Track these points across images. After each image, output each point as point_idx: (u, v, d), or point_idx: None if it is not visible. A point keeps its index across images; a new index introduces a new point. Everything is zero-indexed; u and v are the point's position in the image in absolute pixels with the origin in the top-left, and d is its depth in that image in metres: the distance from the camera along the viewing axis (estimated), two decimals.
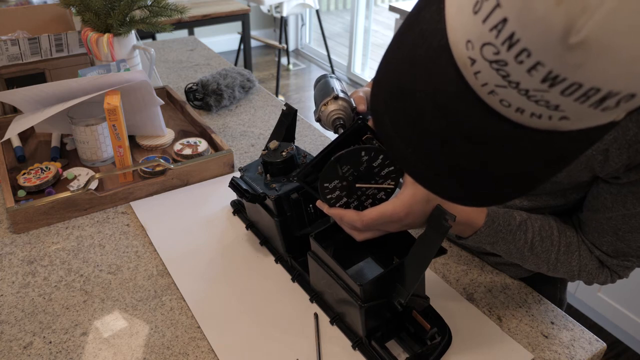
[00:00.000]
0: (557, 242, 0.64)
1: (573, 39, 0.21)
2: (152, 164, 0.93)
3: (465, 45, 0.26)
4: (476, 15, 0.24)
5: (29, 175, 0.93)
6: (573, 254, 0.64)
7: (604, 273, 0.64)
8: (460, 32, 0.26)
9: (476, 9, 0.24)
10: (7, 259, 0.79)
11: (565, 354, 0.66)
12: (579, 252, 0.64)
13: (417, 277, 0.58)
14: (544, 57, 0.23)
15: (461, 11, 0.25)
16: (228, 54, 3.93)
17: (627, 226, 0.59)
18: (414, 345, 0.64)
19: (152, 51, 1.13)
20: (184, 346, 0.66)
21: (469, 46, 0.26)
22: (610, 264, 0.63)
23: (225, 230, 0.87)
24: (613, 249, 0.62)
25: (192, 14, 2.44)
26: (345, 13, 5.15)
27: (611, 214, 0.59)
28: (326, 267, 0.65)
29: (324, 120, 0.71)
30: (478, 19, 0.24)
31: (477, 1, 0.24)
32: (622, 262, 0.62)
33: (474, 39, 0.25)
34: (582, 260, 0.64)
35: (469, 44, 0.26)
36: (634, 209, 0.58)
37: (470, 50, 0.26)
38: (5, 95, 0.92)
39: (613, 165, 0.56)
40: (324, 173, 0.58)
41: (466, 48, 0.26)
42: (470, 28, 0.25)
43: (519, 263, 0.67)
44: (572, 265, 0.64)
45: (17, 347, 0.65)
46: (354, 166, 0.58)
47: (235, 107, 1.28)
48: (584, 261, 0.64)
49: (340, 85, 0.75)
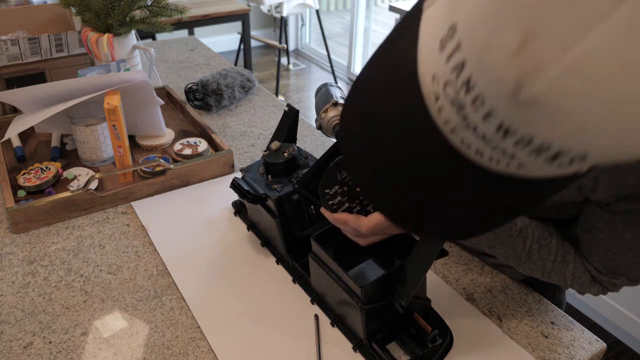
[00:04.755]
0: (554, 251, 0.64)
1: (523, 95, 0.21)
2: (152, 164, 0.93)
3: (431, 79, 0.26)
4: (441, 53, 0.24)
5: (29, 175, 0.93)
6: (568, 265, 0.64)
7: (595, 286, 0.65)
8: (428, 66, 0.26)
9: (442, 46, 0.24)
10: (7, 259, 0.79)
11: (565, 354, 0.66)
12: (574, 264, 0.64)
13: (418, 279, 0.58)
14: (496, 107, 0.23)
15: (430, 45, 0.25)
16: (228, 54, 3.93)
17: (616, 248, 0.60)
18: (415, 348, 0.64)
19: (152, 51, 1.13)
20: (184, 346, 0.66)
21: (435, 81, 0.25)
22: (601, 280, 0.64)
23: (227, 230, 0.86)
24: (603, 266, 0.63)
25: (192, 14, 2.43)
26: (345, 13, 5.15)
27: (602, 236, 0.61)
28: (327, 268, 0.65)
29: (325, 127, 0.72)
30: (442, 57, 0.24)
31: (443, 38, 0.24)
32: (612, 279, 0.63)
33: (439, 76, 0.25)
34: (576, 272, 0.64)
35: (434, 79, 0.25)
36: (623, 234, 0.59)
37: (435, 85, 0.26)
38: (5, 95, 0.92)
39: (602, 194, 0.57)
40: (323, 179, 0.58)
41: (432, 83, 0.26)
42: (436, 64, 0.25)
43: (514, 266, 0.68)
44: (566, 276, 0.65)
45: (17, 347, 0.65)
46: None
47: (235, 107, 1.28)
48: (578, 273, 0.64)
49: (340, 93, 0.75)
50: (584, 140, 0.22)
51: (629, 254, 0.60)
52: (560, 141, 0.23)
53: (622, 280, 0.63)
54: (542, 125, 0.22)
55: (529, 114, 0.22)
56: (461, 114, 0.25)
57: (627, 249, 0.59)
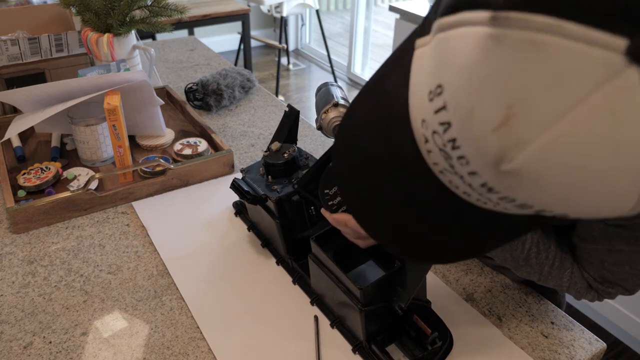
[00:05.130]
0: (552, 256, 0.64)
1: (504, 167, 0.22)
2: (152, 164, 0.93)
3: (421, 122, 0.26)
4: (430, 103, 0.25)
5: (29, 175, 0.93)
6: (565, 270, 0.64)
7: (591, 293, 0.65)
8: (418, 109, 0.26)
9: (430, 97, 0.24)
10: (7, 259, 0.79)
11: (565, 354, 0.66)
12: (572, 270, 0.64)
13: (418, 281, 0.58)
14: (479, 170, 0.24)
15: (420, 91, 0.26)
16: (228, 54, 3.92)
17: (612, 259, 0.60)
18: (414, 350, 0.64)
19: (152, 51, 1.13)
20: (184, 346, 0.66)
21: (424, 125, 0.26)
22: (597, 287, 0.64)
23: (227, 231, 0.86)
24: (599, 275, 0.63)
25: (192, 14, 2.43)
26: (345, 13, 5.15)
27: (598, 246, 0.61)
28: (327, 270, 0.65)
29: (325, 128, 0.71)
30: (431, 108, 0.25)
31: (431, 91, 0.24)
32: (607, 288, 0.63)
33: (427, 122, 0.25)
34: (573, 278, 0.64)
35: (424, 123, 0.26)
36: (619, 247, 0.59)
37: (424, 129, 0.26)
38: (5, 95, 0.92)
39: None
40: (323, 180, 0.58)
41: (422, 126, 0.26)
42: (425, 111, 0.25)
43: (512, 269, 0.68)
44: (563, 281, 0.65)
45: (17, 347, 0.65)
46: None
47: (235, 107, 1.28)
48: (575, 279, 0.64)
49: (341, 93, 0.75)
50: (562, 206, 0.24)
51: (625, 266, 0.60)
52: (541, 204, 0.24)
53: (617, 290, 0.63)
54: (523, 192, 0.23)
55: (510, 182, 0.23)
56: (448, 162, 0.26)
57: (623, 261, 0.59)
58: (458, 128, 0.23)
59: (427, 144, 0.26)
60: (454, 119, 0.23)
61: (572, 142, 0.20)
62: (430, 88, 0.24)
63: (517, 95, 0.20)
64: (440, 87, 0.23)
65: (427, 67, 0.25)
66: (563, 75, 0.19)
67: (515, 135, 0.21)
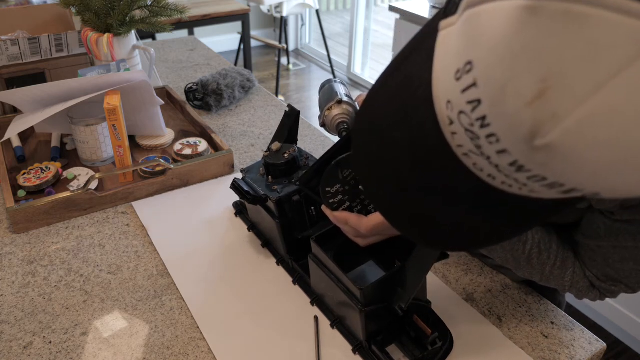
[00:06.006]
0: (554, 255, 0.64)
1: (539, 142, 0.22)
2: (152, 164, 0.93)
3: (445, 104, 0.26)
4: (457, 82, 0.24)
5: (29, 175, 0.93)
6: (567, 270, 0.64)
7: (593, 292, 0.65)
8: (443, 91, 0.26)
9: (457, 77, 0.24)
10: (7, 259, 0.79)
11: (565, 354, 0.66)
12: (574, 269, 0.64)
13: (419, 281, 0.58)
14: (510, 148, 0.23)
15: (446, 71, 0.25)
16: (228, 54, 3.92)
17: (617, 256, 0.60)
18: (414, 350, 0.64)
19: (152, 51, 1.13)
20: (184, 346, 0.66)
21: (449, 107, 0.26)
22: (599, 286, 0.64)
23: (227, 231, 0.86)
24: (603, 273, 0.62)
25: (192, 14, 2.43)
26: (345, 13, 5.14)
27: (603, 243, 0.60)
28: (327, 270, 0.65)
29: (329, 125, 0.71)
30: (458, 87, 0.24)
31: (459, 69, 0.24)
32: (610, 286, 0.63)
33: (453, 103, 0.25)
34: (575, 277, 0.64)
35: (449, 105, 0.26)
36: (625, 243, 0.59)
37: (449, 110, 0.26)
38: (5, 95, 0.92)
39: (607, 203, 0.57)
40: (325, 178, 0.58)
41: (446, 107, 0.26)
42: (451, 92, 0.25)
43: (513, 270, 0.68)
44: (565, 281, 0.65)
45: (17, 347, 0.65)
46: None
47: (235, 107, 1.28)
48: (576, 278, 0.64)
49: (344, 90, 0.75)
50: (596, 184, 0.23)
51: (629, 263, 0.59)
52: (573, 182, 0.23)
53: (620, 288, 0.63)
54: (555, 169, 0.23)
55: (543, 158, 0.22)
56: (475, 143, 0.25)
57: (628, 258, 0.59)
58: (489, 104, 0.23)
59: (451, 126, 0.26)
60: (484, 95, 0.23)
61: (608, 116, 0.19)
62: (458, 67, 0.24)
63: (553, 67, 0.20)
64: (469, 64, 0.23)
65: (455, 47, 0.24)
66: (600, 47, 0.18)
67: (551, 108, 0.20)
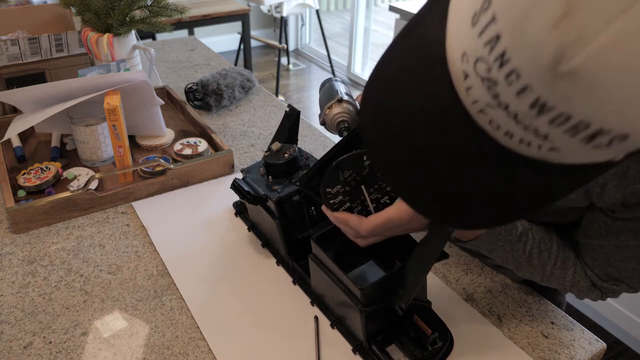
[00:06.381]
0: (554, 255, 0.64)
1: (563, 67, 0.20)
2: (152, 164, 0.93)
3: (460, 57, 0.25)
4: (473, 28, 0.23)
5: (29, 175, 0.93)
6: (568, 270, 0.64)
7: (595, 292, 0.65)
8: (458, 43, 0.25)
9: (474, 21, 0.23)
10: (7, 259, 0.79)
11: (565, 354, 0.66)
12: (574, 269, 0.64)
13: (418, 281, 0.58)
14: (533, 81, 0.22)
15: (461, 21, 0.25)
16: (228, 54, 3.92)
17: (618, 255, 0.60)
18: (414, 350, 0.64)
19: (152, 51, 1.13)
20: (184, 346, 0.66)
21: (464, 59, 0.25)
22: (601, 286, 0.64)
23: (227, 231, 0.86)
24: (604, 273, 0.62)
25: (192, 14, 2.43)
26: (345, 13, 5.15)
27: (604, 242, 0.60)
28: (327, 270, 0.65)
29: (329, 124, 0.71)
30: (475, 32, 0.23)
31: (476, 13, 0.23)
32: (612, 286, 0.63)
33: (469, 53, 0.24)
34: (576, 277, 0.64)
35: (464, 57, 0.25)
36: (626, 242, 0.58)
37: (465, 63, 0.25)
38: (5, 95, 0.92)
39: (608, 201, 0.56)
40: (325, 178, 0.57)
41: (461, 61, 0.25)
42: (467, 40, 0.24)
43: (513, 270, 0.67)
44: (566, 281, 0.64)
45: (17, 347, 0.65)
46: (356, 171, 0.58)
47: (235, 107, 1.28)
48: (577, 278, 0.64)
49: (345, 89, 0.75)
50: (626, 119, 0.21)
51: (631, 262, 0.59)
52: (600, 119, 0.21)
53: (622, 287, 0.63)
54: (581, 101, 0.21)
55: (568, 88, 0.21)
56: (492, 92, 0.24)
57: (629, 257, 0.59)
58: (509, 36, 0.22)
59: (466, 80, 0.25)
60: (504, 27, 0.22)
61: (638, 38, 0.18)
62: (475, 9, 0.23)
63: None
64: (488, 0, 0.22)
65: None
66: None
67: (576, 30, 0.19)
